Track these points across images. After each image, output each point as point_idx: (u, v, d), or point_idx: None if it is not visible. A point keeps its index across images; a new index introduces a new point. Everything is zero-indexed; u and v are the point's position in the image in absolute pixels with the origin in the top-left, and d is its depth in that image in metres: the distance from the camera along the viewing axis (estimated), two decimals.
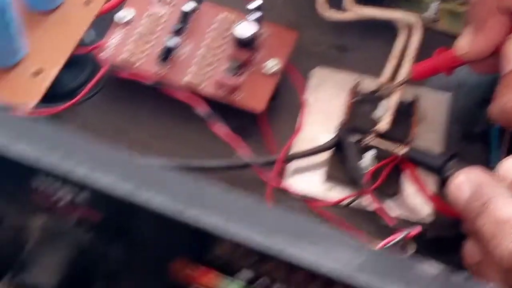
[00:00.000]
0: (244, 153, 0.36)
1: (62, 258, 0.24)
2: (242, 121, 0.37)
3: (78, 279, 0.25)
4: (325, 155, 0.37)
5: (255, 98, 0.37)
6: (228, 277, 0.23)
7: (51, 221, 0.24)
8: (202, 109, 0.37)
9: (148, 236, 0.23)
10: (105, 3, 0.39)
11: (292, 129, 0.38)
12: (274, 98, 0.38)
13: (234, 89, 0.37)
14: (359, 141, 0.37)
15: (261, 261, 0.21)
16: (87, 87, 0.38)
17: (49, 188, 0.22)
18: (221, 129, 0.36)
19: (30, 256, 0.25)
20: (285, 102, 0.39)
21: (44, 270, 0.24)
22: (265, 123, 0.38)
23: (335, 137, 0.37)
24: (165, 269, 0.24)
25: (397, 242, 0.32)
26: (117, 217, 0.23)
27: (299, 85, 0.39)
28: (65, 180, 0.22)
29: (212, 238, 0.22)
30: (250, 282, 0.23)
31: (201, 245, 0.22)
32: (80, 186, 0.22)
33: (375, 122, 0.37)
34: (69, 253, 0.24)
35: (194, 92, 0.37)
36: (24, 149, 0.22)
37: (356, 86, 0.39)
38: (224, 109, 0.37)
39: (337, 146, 0.37)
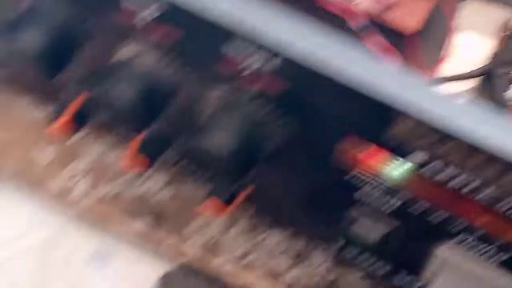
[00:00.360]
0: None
1: (235, 129, 0.26)
2: (389, 41, 0.38)
3: (245, 154, 0.26)
4: (471, 83, 0.37)
5: (408, 19, 0.38)
6: (399, 159, 0.24)
7: (230, 92, 0.26)
8: (355, 23, 0.37)
9: (324, 111, 0.24)
10: None
11: (438, 55, 0.38)
12: (425, 22, 0.38)
13: (388, 7, 0.38)
14: (508, 72, 0.37)
15: (440, 141, 0.22)
16: None
17: (241, 54, 0.24)
18: (375, 42, 0.37)
19: (205, 123, 0.26)
20: (435, 28, 0.39)
21: (217, 137, 0.25)
22: (414, 45, 0.38)
23: (484, 66, 0.37)
24: (332, 150, 0.25)
25: None
26: (299, 89, 0.24)
27: (450, 13, 0.39)
28: (259, 46, 0.23)
29: (392, 116, 0.22)
30: (422, 165, 0.23)
31: (377, 124, 0.23)
32: (273, 52, 0.23)
33: None
34: (243, 125, 0.25)
35: (348, 7, 0.38)
36: (225, 10, 0.23)
37: (508, 21, 0.38)
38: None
39: (485, 75, 0.37)
